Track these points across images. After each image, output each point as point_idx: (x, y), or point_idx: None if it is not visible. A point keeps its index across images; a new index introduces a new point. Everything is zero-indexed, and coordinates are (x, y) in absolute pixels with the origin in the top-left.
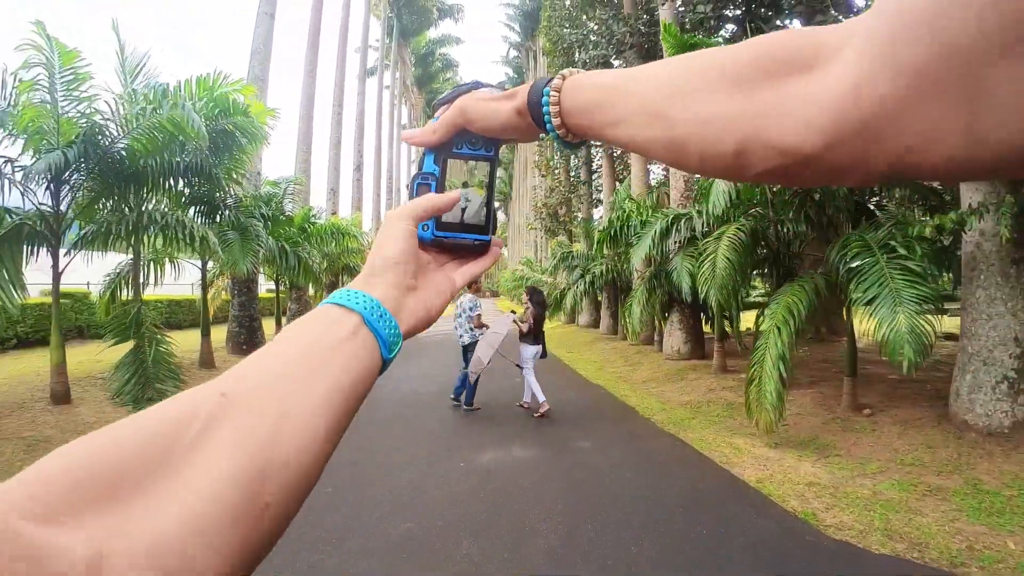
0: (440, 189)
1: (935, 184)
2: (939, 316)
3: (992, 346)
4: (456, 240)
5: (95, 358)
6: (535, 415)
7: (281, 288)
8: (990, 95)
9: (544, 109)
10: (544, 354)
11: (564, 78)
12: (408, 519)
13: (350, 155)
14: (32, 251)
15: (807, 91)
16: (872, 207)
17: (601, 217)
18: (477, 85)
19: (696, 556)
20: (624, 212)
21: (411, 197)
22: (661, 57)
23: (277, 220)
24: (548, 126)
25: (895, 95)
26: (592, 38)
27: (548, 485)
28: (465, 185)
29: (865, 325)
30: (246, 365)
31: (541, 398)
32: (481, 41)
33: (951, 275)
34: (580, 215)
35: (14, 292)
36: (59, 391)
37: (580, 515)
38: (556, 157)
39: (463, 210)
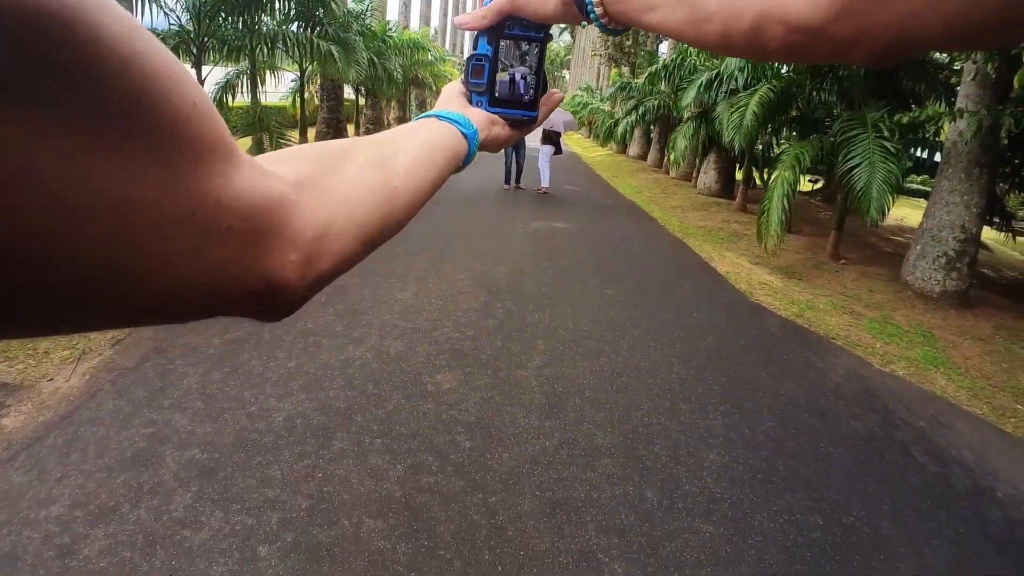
0: (493, 69)
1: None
2: (904, 196)
3: (942, 227)
4: (507, 115)
5: None
6: (538, 191)
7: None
8: None
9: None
10: (559, 151)
11: None
12: (487, 245)
13: None
14: None
15: None
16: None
17: (668, 51)
18: None
19: (663, 288)
20: (681, 55)
21: (465, 75)
22: None
23: (365, 35)
24: (592, 15)
25: None
26: None
27: (576, 240)
28: (517, 63)
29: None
30: (369, 136)
31: (545, 183)
32: None
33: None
34: (646, 48)
35: None
36: None
37: (596, 256)
38: None
39: (513, 88)
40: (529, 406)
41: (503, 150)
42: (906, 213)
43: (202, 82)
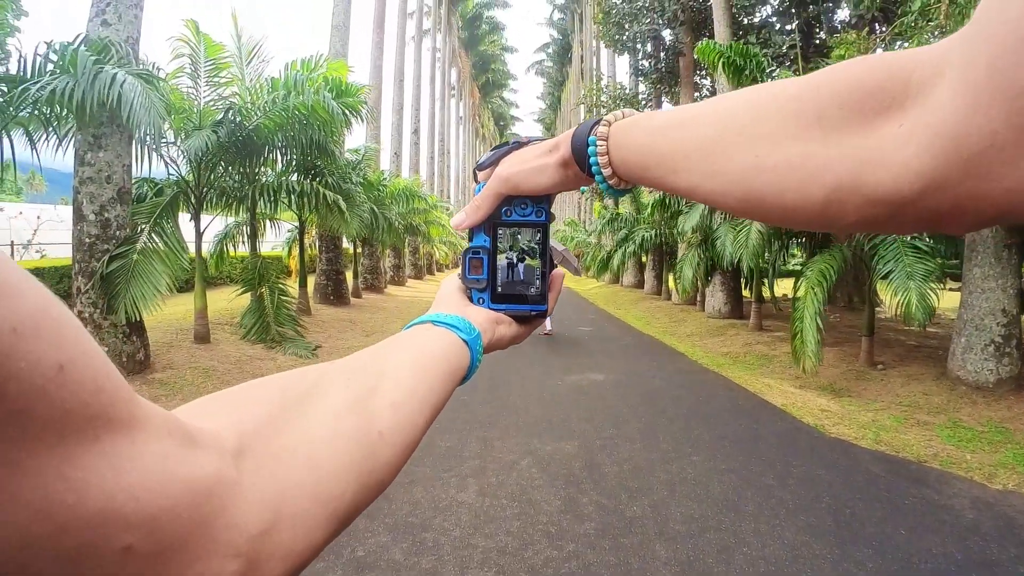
0: (493, 260)
1: None
2: (942, 287)
3: (983, 315)
4: (512, 311)
5: (226, 303)
6: (544, 335)
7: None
8: None
9: (592, 160)
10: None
11: (609, 124)
12: (534, 414)
13: (408, 119)
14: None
15: (902, 130)
16: None
17: None
18: (516, 144)
19: (740, 441)
20: None
21: (463, 270)
22: (711, 34)
23: (364, 184)
24: (598, 177)
25: (1009, 127)
26: (644, 8)
27: (622, 394)
28: (519, 251)
29: (886, 295)
30: (342, 361)
31: (549, 326)
32: (527, 2)
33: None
34: None
35: (181, 249)
36: (202, 332)
37: (653, 410)
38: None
39: (516, 280)
40: None
41: None
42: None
43: (201, 233)
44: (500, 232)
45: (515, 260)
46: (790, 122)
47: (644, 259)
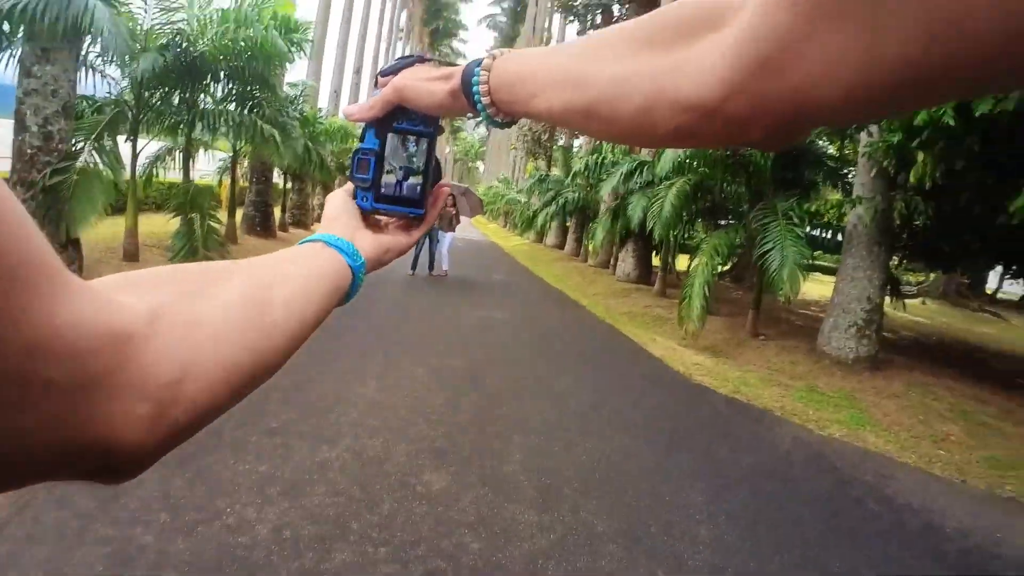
0: (379, 163)
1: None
2: (809, 272)
3: (851, 300)
4: (391, 212)
5: (157, 227)
6: (440, 275)
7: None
8: (889, 10)
9: (474, 89)
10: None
11: (494, 58)
12: (437, 338)
13: (352, 58)
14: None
15: (713, 43)
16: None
17: (580, 147)
18: (420, 59)
19: (610, 375)
20: (600, 151)
21: (351, 169)
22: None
23: (300, 120)
24: (479, 105)
25: (793, 25)
26: None
27: (518, 331)
28: (406, 159)
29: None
30: (244, 261)
31: (445, 267)
32: None
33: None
34: (561, 142)
35: (118, 167)
36: (131, 250)
37: (541, 346)
38: None
39: (399, 184)
40: (524, 500)
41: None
42: (815, 288)
43: (136, 155)
44: (390, 137)
45: (402, 177)
46: (627, 45)
47: (568, 222)
